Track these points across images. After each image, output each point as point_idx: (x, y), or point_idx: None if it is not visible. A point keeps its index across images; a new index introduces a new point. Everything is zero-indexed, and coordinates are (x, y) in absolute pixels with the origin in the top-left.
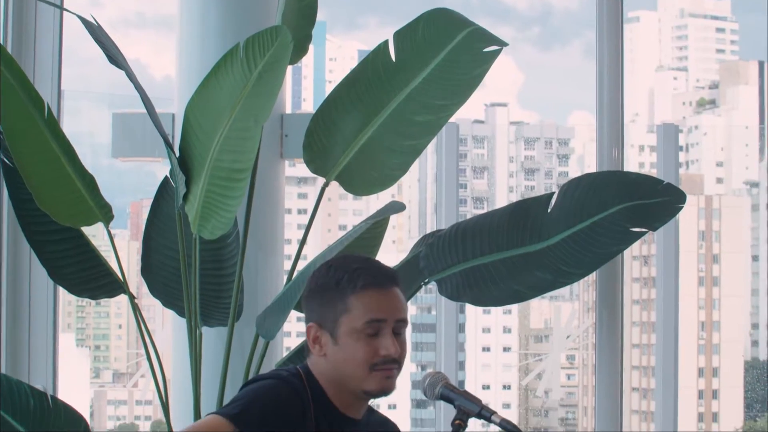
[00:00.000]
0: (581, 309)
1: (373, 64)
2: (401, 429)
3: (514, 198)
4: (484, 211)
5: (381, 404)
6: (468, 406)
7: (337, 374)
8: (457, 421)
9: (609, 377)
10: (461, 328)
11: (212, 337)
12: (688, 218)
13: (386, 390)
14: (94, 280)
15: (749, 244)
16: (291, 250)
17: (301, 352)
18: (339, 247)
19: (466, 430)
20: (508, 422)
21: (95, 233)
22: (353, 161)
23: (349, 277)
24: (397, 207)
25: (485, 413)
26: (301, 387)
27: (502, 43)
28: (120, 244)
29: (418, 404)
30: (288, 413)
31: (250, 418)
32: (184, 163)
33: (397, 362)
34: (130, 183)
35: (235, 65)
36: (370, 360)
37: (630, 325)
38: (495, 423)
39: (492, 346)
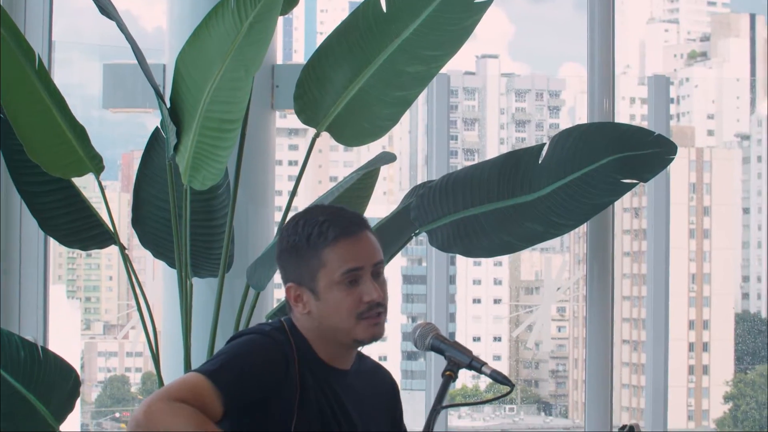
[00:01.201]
0: (572, 261)
1: (364, 14)
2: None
3: (505, 150)
4: (475, 162)
5: (370, 356)
6: (458, 357)
7: (324, 328)
8: (448, 372)
9: (599, 329)
10: (452, 279)
11: (203, 288)
12: (678, 171)
13: (376, 336)
14: (84, 230)
15: (740, 197)
16: (282, 201)
17: None
18: (329, 197)
19: (457, 381)
20: (499, 373)
21: (86, 185)
22: (344, 112)
23: (318, 231)
24: (388, 157)
25: (476, 364)
26: (285, 341)
27: None
28: (111, 196)
29: (408, 356)
30: (268, 368)
31: (228, 375)
32: (175, 113)
33: (382, 306)
34: (121, 134)
35: (226, 16)
36: (356, 308)
37: (621, 277)
38: (485, 374)
39: (483, 297)
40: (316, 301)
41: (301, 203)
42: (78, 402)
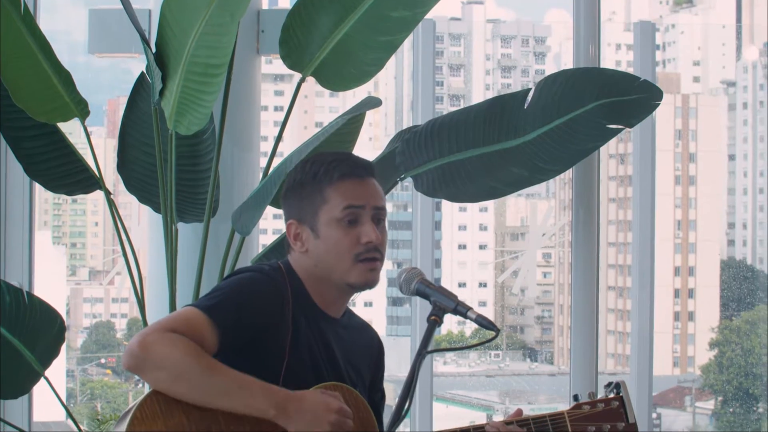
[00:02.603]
0: (557, 207)
1: None
2: (377, 326)
3: (491, 95)
4: (461, 108)
5: (356, 302)
6: (444, 302)
7: (320, 269)
8: (433, 317)
9: (585, 275)
10: (437, 225)
11: (188, 233)
12: (664, 117)
13: (370, 283)
14: (70, 175)
15: (726, 144)
16: (267, 147)
17: (277, 248)
18: (315, 142)
19: (442, 327)
20: (484, 318)
21: (72, 131)
22: (329, 57)
23: (325, 169)
24: (373, 102)
25: (461, 309)
26: (281, 281)
27: None
28: (96, 142)
29: (394, 302)
30: (265, 306)
31: (225, 311)
32: (161, 58)
33: (379, 251)
34: (106, 80)
35: None
36: (353, 249)
37: (606, 223)
38: (471, 319)
39: (468, 243)
40: (315, 239)
41: (286, 149)
42: (63, 348)
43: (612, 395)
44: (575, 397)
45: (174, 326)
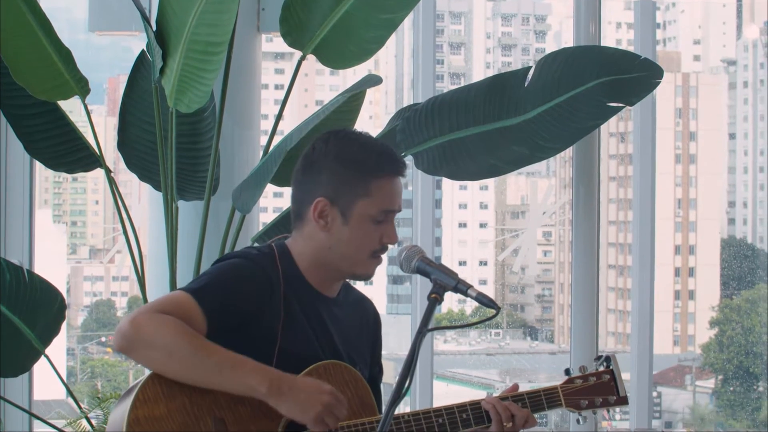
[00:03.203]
0: (558, 185)
1: None
2: (377, 305)
3: (491, 74)
4: (461, 86)
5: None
6: (444, 280)
7: (332, 252)
8: (434, 295)
9: (585, 254)
10: (438, 204)
11: (188, 211)
12: (664, 96)
13: (371, 275)
14: (70, 153)
15: (726, 122)
16: (267, 125)
17: (278, 226)
18: (315, 120)
19: (443, 305)
20: (484, 296)
21: (72, 109)
22: (330, 34)
23: (375, 159)
24: (374, 80)
25: (461, 287)
26: (270, 265)
27: None
28: (97, 120)
29: (394, 280)
30: (250, 292)
31: (211, 294)
32: (161, 36)
33: (388, 249)
34: (106, 58)
35: None
36: (374, 246)
37: (606, 202)
38: (471, 297)
39: (468, 222)
40: (342, 224)
41: (286, 127)
42: (64, 326)
43: (602, 368)
44: (567, 372)
45: (163, 308)
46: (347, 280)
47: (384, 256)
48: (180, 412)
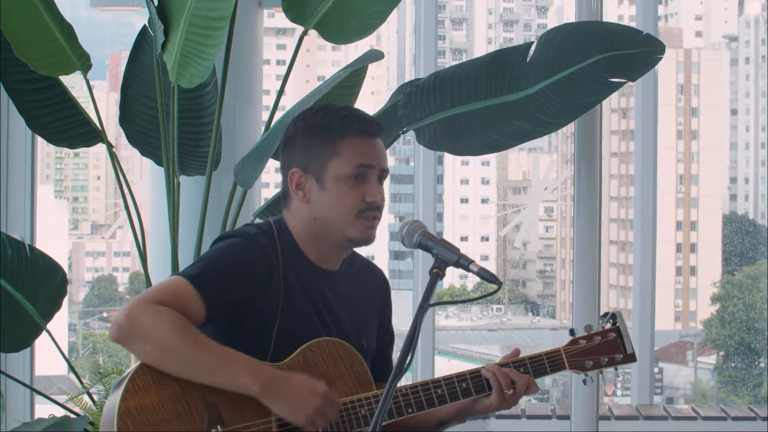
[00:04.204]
0: (559, 161)
1: None
2: None
3: (493, 50)
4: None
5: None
6: (446, 255)
7: (319, 222)
8: (435, 270)
9: (587, 229)
10: (439, 179)
11: (190, 186)
12: (666, 72)
13: (368, 239)
14: (72, 128)
15: (728, 98)
16: (269, 100)
17: (279, 201)
18: (317, 95)
19: (444, 281)
20: (486, 271)
21: (74, 85)
22: (332, 9)
23: (340, 122)
24: (375, 55)
25: (463, 262)
26: (269, 244)
27: None
28: (98, 96)
29: (396, 255)
30: (250, 273)
31: (210, 279)
32: (163, 12)
33: (379, 210)
34: (108, 34)
35: None
36: (357, 205)
37: (608, 177)
38: (473, 272)
39: (470, 197)
40: (319, 191)
41: (288, 102)
42: (65, 302)
43: (608, 326)
44: (571, 332)
45: (161, 298)
46: (354, 252)
47: (385, 230)
48: (171, 399)
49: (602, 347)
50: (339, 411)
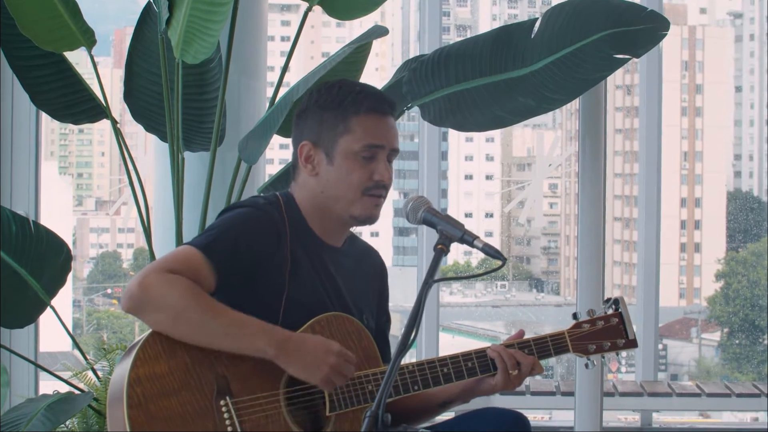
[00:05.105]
0: (564, 137)
1: None
2: (383, 257)
3: (498, 26)
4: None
5: (363, 232)
6: (450, 231)
7: (325, 196)
8: (440, 246)
9: (591, 206)
10: (444, 156)
11: (194, 162)
12: (671, 49)
13: (372, 218)
14: (76, 104)
15: (732, 75)
16: (273, 77)
17: (283, 177)
18: (322, 71)
19: (449, 257)
20: (490, 246)
21: (78, 61)
22: None
23: (353, 98)
24: (380, 31)
25: (467, 238)
26: (277, 215)
27: None
28: (103, 72)
29: (400, 232)
30: (260, 241)
31: (221, 248)
32: None
33: (386, 189)
34: (113, 10)
35: None
36: (364, 183)
37: (612, 154)
38: (477, 247)
39: (474, 173)
40: (328, 165)
41: (292, 78)
42: (70, 278)
43: (611, 311)
44: (574, 316)
45: (172, 266)
46: (352, 231)
47: (389, 207)
48: (181, 369)
49: (605, 332)
50: (347, 386)
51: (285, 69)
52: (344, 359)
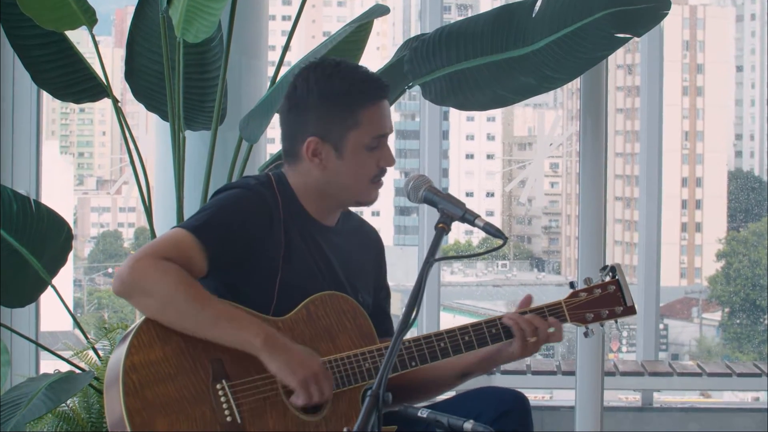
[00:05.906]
0: (565, 117)
1: None
2: (384, 236)
3: (499, 5)
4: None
5: (365, 211)
6: (451, 210)
7: (333, 186)
8: (441, 225)
9: (592, 185)
10: (445, 135)
11: (195, 141)
12: (672, 28)
13: (374, 200)
14: (77, 83)
15: (733, 55)
16: (274, 56)
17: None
18: (323, 50)
19: (449, 236)
20: (492, 225)
21: (79, 40)
22: None
23: (358, 89)
24: (381, 10)
25: (469, 216)
26: (270, 195)
27: None
28: (104, 52)
29: (401, 211)
30: (252, 222)
31: (212, 230)
32: None
33: (386, 172)
34: None
35: None
36: (373, 172)
37: (613, 133)
38: (478, 226)
39: (475, 153)
40: (337, 159)
41: (293, 58)
42: (71, 257)
43: (608, 279)
44: (571, 285)
45: (164, 251)
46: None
47: (390, 186)
48: (176, 354)
49: (602, 300)
50: (344, 365)
51: (286, 48)
52: (325, 374)
